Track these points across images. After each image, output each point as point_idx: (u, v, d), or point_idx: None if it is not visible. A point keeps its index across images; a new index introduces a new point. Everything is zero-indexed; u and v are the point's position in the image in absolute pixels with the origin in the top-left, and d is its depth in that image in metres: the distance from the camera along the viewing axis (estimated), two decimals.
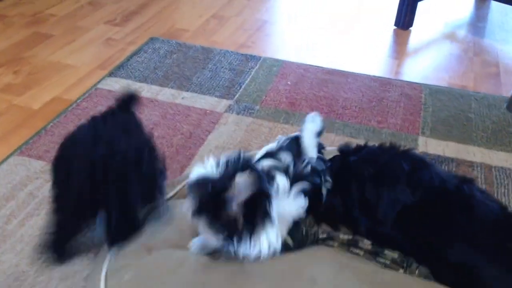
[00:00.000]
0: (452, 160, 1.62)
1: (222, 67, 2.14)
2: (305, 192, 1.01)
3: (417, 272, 0.97)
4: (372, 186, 1.02)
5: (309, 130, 1.11)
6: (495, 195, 1.47)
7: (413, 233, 0.99)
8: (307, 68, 2.16)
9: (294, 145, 1.08)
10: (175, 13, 2.64)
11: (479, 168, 1.59)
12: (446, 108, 1.91)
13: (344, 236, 1.03)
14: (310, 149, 1.08)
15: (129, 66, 2.12)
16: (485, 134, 1.77)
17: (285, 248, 0.98)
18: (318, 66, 2.17)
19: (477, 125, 1.81)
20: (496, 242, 0.91)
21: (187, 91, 1.96)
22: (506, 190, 1.49)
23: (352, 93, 1.99)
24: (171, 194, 1.27)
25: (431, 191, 0.99)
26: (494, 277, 0.89)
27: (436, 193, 0.99)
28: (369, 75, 2.12)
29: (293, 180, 1.00)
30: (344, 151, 1.16)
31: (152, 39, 2.34)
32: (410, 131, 1.76)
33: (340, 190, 1.06)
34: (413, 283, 0.91)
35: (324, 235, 1.03)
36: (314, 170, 1.05)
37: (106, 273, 0.98)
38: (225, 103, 1.88)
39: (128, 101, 1.25)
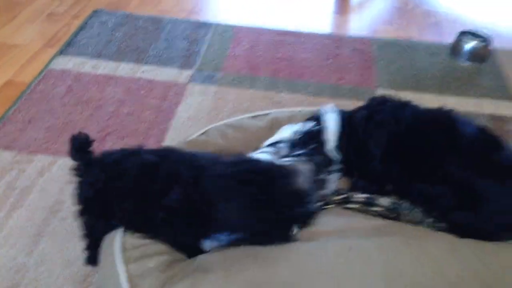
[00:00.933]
0: None
1: (175, 36, 2.13)
2: None
3: (408, 217, 1.07)
4: (364, 126, 1.11)
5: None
6: None
7: (406, 160, 1.08)
8: (260, 31, 2.19)
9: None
10: None
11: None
12: (396, 59, 2.02)
13: (337, 197, 1.12)
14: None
15: (78, 43, 2.05)
16: (435, 81, 1.90)
17: None
18: (270, 29, 2.21)
19: (427, 73, 1.94)
20: (483, 155, 1.02)
21: (146, 64, 1.94)
22: None
23: (307, 53, 2.05)
24: None
25: (415, 120, 1.09)
26: (487, 189, 0.99)
27: (420, 120, 1.10)
28: (321, 34, 2.19)
29: None
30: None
31: (96, 12, 2.27)
32: (369, 85, 1.86)
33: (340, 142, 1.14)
34: (412, 231, 1.01)
35: (321, 202, 1.11)
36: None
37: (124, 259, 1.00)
38: (186, 73, 1.89)
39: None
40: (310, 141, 1.15)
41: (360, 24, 2.31)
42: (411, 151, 1.09)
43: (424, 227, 1.05)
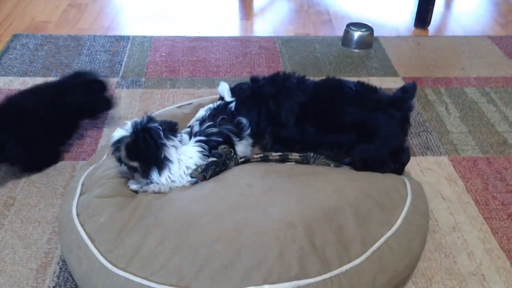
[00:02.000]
0: None
1: (97, 50, 2.29)
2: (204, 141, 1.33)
3: (313, 163, 1.33)
4: (274, 100, 1.36)
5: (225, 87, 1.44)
6: None
7: (314, 120, 1.34)
8: (174, 39, 2.41)
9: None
10: (31, 6, 2.67)
11: None
12: (298, 52, 2.32)
13: (256, 155, 1.36)
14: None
15: (3, 64, 2.16)
16: (331, 67, 2.21)
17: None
18: (183, 36, 2.43)
19: (324, 61, 2.25)
20: (367, 97, 1.31)
21: None
22: None
23: (220, 54, 2.29)
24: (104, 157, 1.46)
25: (316, 90, 1.37)
26: (377, 120, 1.28)
27: (318, 88, 1.37)
28: (230, 37, 2.44)
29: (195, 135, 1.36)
30: (255, 78, 1.47)
31: (16, 36, 2.38)
32: None
33: (248, 107, 1.38)
34: (320, 169, 1.27)
35: (242, 159, 1.34)
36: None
37: (79, 219, 1.18)
38: (112, 80, 2.06)
39: None
40: (218, 114, 1.39)
41: (264, 26, 2.59)
42: (317, 112, 1.36)
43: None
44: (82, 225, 1.16)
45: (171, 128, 1.31)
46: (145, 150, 1.24)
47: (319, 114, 1.35)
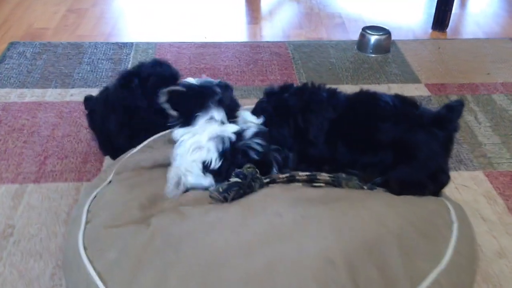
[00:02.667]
0: None
1: (98, 58, 2.16)
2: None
3: (346, 187, 1.19)
4: (302, 115, 1.23)
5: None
6: None
7: (345, 138, 1.20)
8: (180, 45, 2.27)
9: None
10: (28, 13, 2.54)
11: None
12: (311, 58, 2.19)
13: (282, 175, 1.22)
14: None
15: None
16: (348, 73, 2.08)
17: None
18: (189, 42, 2.30)
19: (340, 68, 2.12)
20: (406, 114, 1.17)
21: (73, 87, 1.95)
22: None
23: (229, 61, 2.16)
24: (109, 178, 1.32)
25: (348, 105, 1.23)
26: (417, 140, 1.14)
27: (350, 103, 1.23)
28: (239, 42, 2.31)
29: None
30: (271, 91, 1.32)
31: (13, 44, 2.25)
32: (290, 82, 1.99)
33: (276, 124, 1.24)
34: (355, 194, 1.13)
35: (267, 179, 1.21)
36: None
37: (86, 254, 1.04)
38: None
39: None
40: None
41: (273, 31, 2.46)
42: (350, 129, 1.22)
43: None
44: (91, 262, 1.03)
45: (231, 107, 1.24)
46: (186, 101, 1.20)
47: (352, 132, 1.21)
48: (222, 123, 1.21)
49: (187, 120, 1.22)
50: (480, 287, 1.17)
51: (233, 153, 1.17)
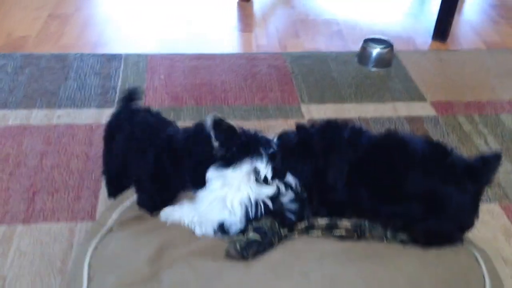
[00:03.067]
0: None
1: (86, 73, 2.02)
2: None
3: (370, 236, 1.11)
4: (323, 155, 1.13)
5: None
6: None
7: (369, 184, 1.11)
8: (172, 58, 2.15)
9: None
10: (6, 19, 2.37)
11: (358, 123, 1.80)
12: (312, 72, 2.09)
13: (301, 224, 1.13)
14: None
15: None
16: (351, 90, 1.99)
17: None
18: (182, 54, 2.18)
19: (342, 83, 2.03)
20: (437, 163, 1.08)
21: (60, 107, 1.82)
22: None
23: (226, 75, 2.05)
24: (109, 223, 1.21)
25: (372, 147, 1.13)
26: (448, 192, 1.05)
27: (374, 146, 1.13)
28: (234, 54, 2.20)
29: None
30: (301, 125, 1.22)
31: None
32: (292, 102, 1.90)
33: (296, 163, 1.15)
34: (383, 250, 1.05)
35: (285, 232, 1.12)
36: None
37: None
38: (107, 112, 1.79)
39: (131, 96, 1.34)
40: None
41: (268, 40, 2.35)
42: (373, 175, 1.12)
43: (388, 242, 1.11)
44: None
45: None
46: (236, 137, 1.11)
47: (377, 178, 1.12)
48: (261, 181, 1.08)
49: (227, 159, 1.09)
50: None
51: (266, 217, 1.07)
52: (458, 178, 1.07)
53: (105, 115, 1.78)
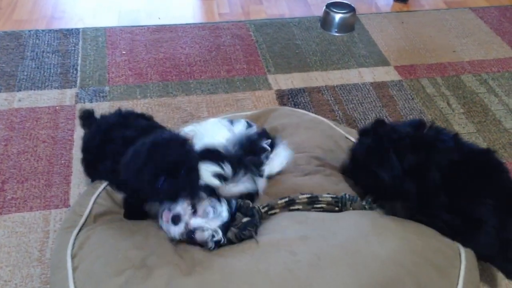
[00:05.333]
0: (303, 90, 1.81)
1: (43, 51, 1.94)
2: None
3: (351, 208, 1.15)
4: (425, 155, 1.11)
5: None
6: (347, 112, 1.72)
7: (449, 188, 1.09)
8: (132, 30, 2.09)
9: None
10: None
11: (326, 91, 1.82)
12: (276, 41, 2.07)
13: (281, 200, 1.15)
14: None
15: None
16: (316, 57, 1.99)
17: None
18: (143, 26, 2.12)
19: (307, 51, 2.03)
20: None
21: (20, 90, 1.75)
22: (353, 105, 1.76)
23: (189, 48, 2.01)
24: None
25: (469, 154, 1.13)
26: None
27: (468, 157, 1.13)
28: (196, 24, 2.15)
29: None
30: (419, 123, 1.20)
31: None
32: (258, 72, 1.89)
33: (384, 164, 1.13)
34: (365, 226, 1.08)
35: (265, 208, 1.14)
36: None
37: None
38: (70, 92, 1.75)
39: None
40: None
41: (230, 7, 2.31)
42: (458, 180, 1.11)
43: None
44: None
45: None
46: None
47: (456, 186, 1.10)
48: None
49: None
50: None
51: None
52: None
53: (68, 95, 1.74)
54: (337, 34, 2.13)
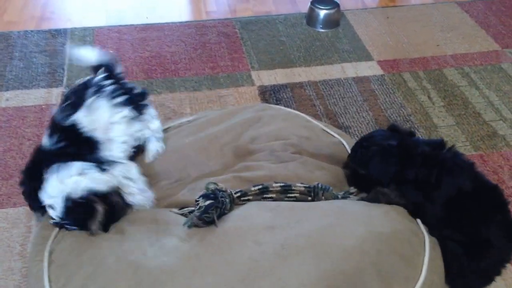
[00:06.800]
0: (286, 86, 1.84)
1: (31, 51, 1.98)
2: None
3: (323, 197, 1.17)
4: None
5: None
6: (328, 107, 1.74)
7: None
8: (120, 30, 2.12)
9: None
10: None
11: (308, 86, 1.84)
12: (261, 37, 2.10)
13: (254, 187, 1.18)
14: None
15: None
16: (300, 53, 2.02)
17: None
18: (130, 25, 2.15)
19: (291, 47, 2.05)
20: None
21: (7, 90, 1.79)
22: (335, 100, 1.78)
23: (175, 46, 2.04)
24: None
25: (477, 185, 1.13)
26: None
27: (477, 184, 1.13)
28: (183, 23, 2.18)
29: None
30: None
31: None
32: (242, 69, 1.92)
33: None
34: (333, 214, 1.11)
35: (238, 194, 1.16)
36: None
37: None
38: (56, 91, 1.79)
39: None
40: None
41: (217, 5, 2.33)
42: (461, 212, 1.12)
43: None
44: None
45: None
46: None
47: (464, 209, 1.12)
48: None
49: None
50: None
51: None
52: None
53: (55, 94, 1.78)
54: (322, 30, 2.15)
